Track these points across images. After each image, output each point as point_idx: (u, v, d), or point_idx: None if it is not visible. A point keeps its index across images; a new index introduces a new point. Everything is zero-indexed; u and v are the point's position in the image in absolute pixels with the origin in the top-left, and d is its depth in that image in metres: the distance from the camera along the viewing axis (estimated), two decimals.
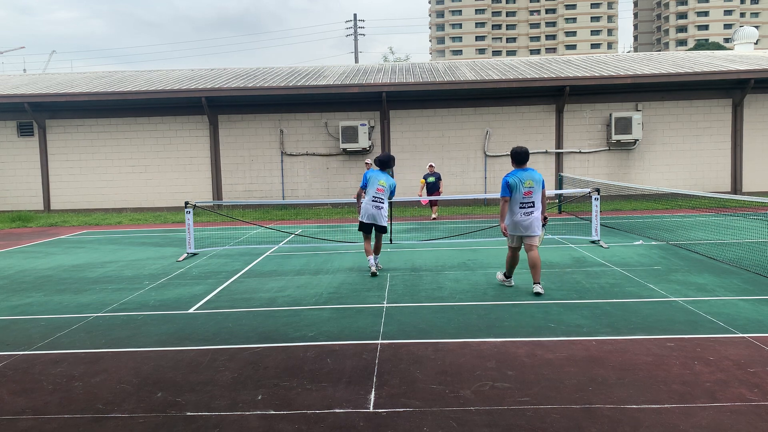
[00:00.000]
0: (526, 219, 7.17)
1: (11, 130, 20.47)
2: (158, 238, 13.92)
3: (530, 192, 7.15)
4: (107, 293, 7.94)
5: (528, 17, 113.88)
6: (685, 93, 19.57)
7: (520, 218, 7.17)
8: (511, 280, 7.71)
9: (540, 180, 7.25)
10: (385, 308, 6.69)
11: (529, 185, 7.15)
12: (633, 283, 7.67)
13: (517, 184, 7.15)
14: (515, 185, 7.15)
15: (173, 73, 24.19)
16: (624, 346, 5.19)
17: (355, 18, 49.69)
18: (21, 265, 10.44)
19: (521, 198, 7.15)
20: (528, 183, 7.16)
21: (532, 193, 7.16)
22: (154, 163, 20.41)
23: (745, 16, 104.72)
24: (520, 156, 7.29)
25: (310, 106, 20.07)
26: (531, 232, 7.21)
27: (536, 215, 7.21)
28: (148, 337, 5.84)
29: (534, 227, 7.20)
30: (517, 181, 7.16)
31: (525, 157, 7.31)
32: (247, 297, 7.49)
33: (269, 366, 4.93)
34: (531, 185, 7.15)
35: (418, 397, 4.20)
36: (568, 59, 24.53)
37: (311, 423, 3.85)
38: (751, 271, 8.19)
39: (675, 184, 19.48)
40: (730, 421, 3.73)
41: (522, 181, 7.16)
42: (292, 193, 20.31)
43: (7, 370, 5.03)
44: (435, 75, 20.65)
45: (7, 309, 7.22)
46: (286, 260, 10.17)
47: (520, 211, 7.17)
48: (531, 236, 7.24)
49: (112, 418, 4.03)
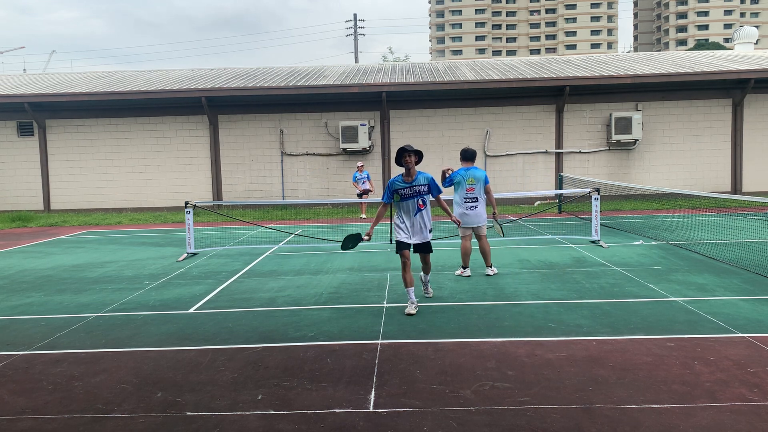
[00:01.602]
0: (470, 212, 8.17)
1: (11, 130, 20.47)
2: (158, 238, 13.92)
3: (473, 188, 8.12)
4: (107, 293, 7.94)
5: (528, 17, 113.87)
6: (685, 93, 19.57)
7: (466, 211, 8.16)
8: (467, 270, 8.38)
9: (482, 177, 8.18)
10: (385, 308, 6.69)
11: (471, 182, 8.11)
12: (633, 283, 7.67)
13: (461, 181, 8.15)
14: (459, 182, 8.15)
15: (173, 73, 24.19)
16: (624, 346, 5.19)
17: (355, 18, 49.69)
18: (21, 265, 10.44)
19: (465, 194, 8.14)
20: (470, 180, 8.12)
21: (475, 189, 8.11)
22: (154, 163, 20.41)
23: (745, 16, 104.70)
24: (467, 154, 8.28)
25: (310, 106, 20.08)
26: (477, 223, 8.22)
27: (480, 209, 8.19)
28: (148, 337, 5.84)
29: (479, 219, 8.22)
30: (461, 178, 8.16)
31: (471, 156, 8.28)
32: (247, 297, 7.49)
33: (269, 366, 4.93)
34: (473, 182, 8.11)
35: (418, 397, 4.20)
36: (568, 59, 24.53)
37: (311, 423, 3.85)
38: (751, 271, 8.18)
39: (675, 184, 19.48)
40: (730, 421, 3.73)
41: (465, 179, 8.13)
42: (292, 193, 20.31)
43: (7, 370, 5.03)
44: (435, 75, 20.65)
45: (7, 309, 7.22)
46: (286, 260, 10.17)
47: (465, 204, 8.17)
48: (478, 226, 8.26)
49: (112, 418, 4.03)
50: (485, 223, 8.36)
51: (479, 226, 8.31)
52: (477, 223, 8.25)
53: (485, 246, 8.41)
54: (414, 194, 6.50)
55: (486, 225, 8.39)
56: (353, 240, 6.84)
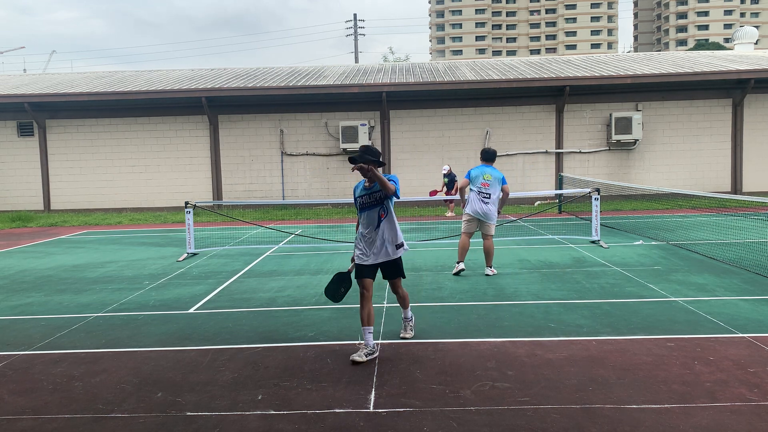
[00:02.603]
0: (482, 205, 8.30)
1: (11, 130, 20.47)
2: (158, 238, 13.92)
3: (487, 184, 8.31)
4: (107, 293, 7.94)
5: (528, 17, 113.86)
6: (686, 93, 19.57)
7: (477, 203, 8.31)
8: (461, 264, 8.45)
9: (500, 177, 8.36)
10: (385, 308, 6.69)
11: (487, 178, 8.31)
12: (633, 283, 7.67)
13: (478, 175, 8.34)
14: (476, 176, 8.35)
15: (173, 73, 24.19)
16: (624, 346, 5.19)
17: (355, 18, 49.68)
18: (21, 265, 10.44)
19: (480, 188, 8.30)
20: (486, 176, 8.32)
21: (489, 185, 8.30)
22: (154, 163, 20.41)
23: (745, 16, 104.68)
24: (487, 155, 8.47)
25: (310, 106, 20.07)
26: (485, 219, 8.31)
27: (491, 207, 8.31)
28: (148, 337, 5.84)
29: (488, 215, 8.29)
30: (479, 172, 8.35)
31: (491, 156, 8.48)
32: (247, 297, 7.49)
33: (269, 366, 4.93)
34: (489, 178, 8.31)
35: (418, 397, 4.20)
36: (568, 59, 24.53)
37: (311, 423, 3.85)
38: (751, 271, 8.18)
39: (675, 184, 19.47)
40: (730, 421, 3.73)
41: (482, 174, 8.33)
42: (292, 193, 20.31)
43: (7, 370, 5.03)
44: (435, 75, 20.65)
45: (7, 309, 7.22)
46: (286, 260, 10.17)
47: (478, 197, 8.31)
48: (486, 224, 8.36)
49: (112, 418, 4.03)
50: (494, 223, 8.39)
51: (487, 224, 8.35)
52: (485, 218, 8.28)
53: (489, 246, 8.42)
54: (374, 202, 5.10)
55: (494, 225, 8.42)
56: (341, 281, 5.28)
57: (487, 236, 8.43)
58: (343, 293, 5.31)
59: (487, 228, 8.39)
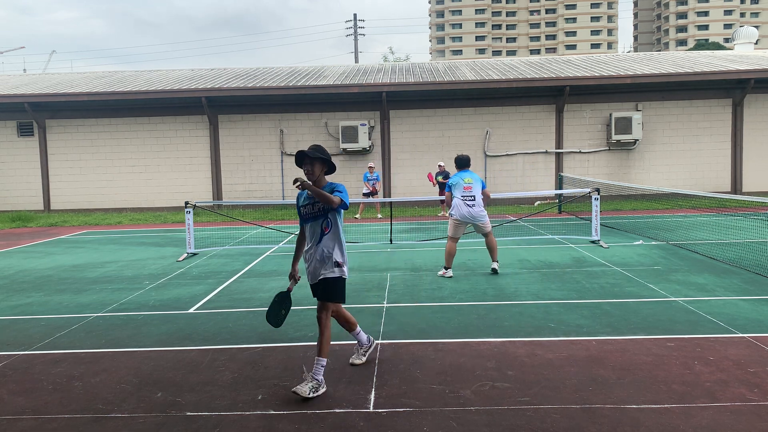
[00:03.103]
0: (470, 209, 8.37)
1: (11, 130, 20.47)
2: (158, 238, 13.92)
3: (470, 186, 8.41)
4: (107, 293, 7.93)
5: (528, 17, 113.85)
6: (685, 93, 19.57)
7: (464, 208, 8.36)
8: (449, 270, 8.45)
9: (479, 179, 8.54)
10: (385, 308, 6.69)
11: (468, 181, 8.43)
12: (633, 283, 7.67)
13: (458, 181, 8.46)
14: (457, 183, 8.46)
15: (173, 73, 24.19)
16: (624, 346, 5.19)
17: (355, 18, 49.68)
18: (21, 265, 10.43)
19: (463, 192, 8.40)
20: (467, 179, 8.44)
21: (472, 188, 8.41)
22: (154, 163, 20.41)
23: (745, 16, 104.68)
24: (461, 161, 8.62)
25: (310, 106, 20.07)
26: (478, 220, 8.42)
27: (479, 207, 8.40)
28: (148, 337, 5.84)
29: (479, 216, 8.40)
30: (458, 179, 8.47)
31: (466, 162, 8.63)
32: (247, 297, 7.48)
33: (269, 366, 4.93)
34: (470, 181, 8.43)
35: (418, 397, 4.20)
36: (568, 59, 24.53)
37: (311, 423, 3.85)
38: (751, 271, 8.18)
39: (675, 184, 19.48)
40: (730, 421, 3.73)
41: (462, 179, 8.45)
42: (292, 192, 20.30)
43: (7, 370, 5.03)
44: (435, 75, 20.65)
45: (7, 309, 7.22)
46: (286, 260, 10.16)
47: (463, 202, 8.37)
48: (481, 224, 8.46)
49: (112, 418, 4.02)
50: (486, 221, 8.49)
51: (482, 225, 8.45)
52: (478, 219, 8.39)
53: (492, 242, 8.59)
54: (318, 213, 4.54)
55: (488, 222, 8.52)
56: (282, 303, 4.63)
57: (486, 234, 8.54)
58: (284, 315, 4.63)
59: (482, 227, 8.49)
